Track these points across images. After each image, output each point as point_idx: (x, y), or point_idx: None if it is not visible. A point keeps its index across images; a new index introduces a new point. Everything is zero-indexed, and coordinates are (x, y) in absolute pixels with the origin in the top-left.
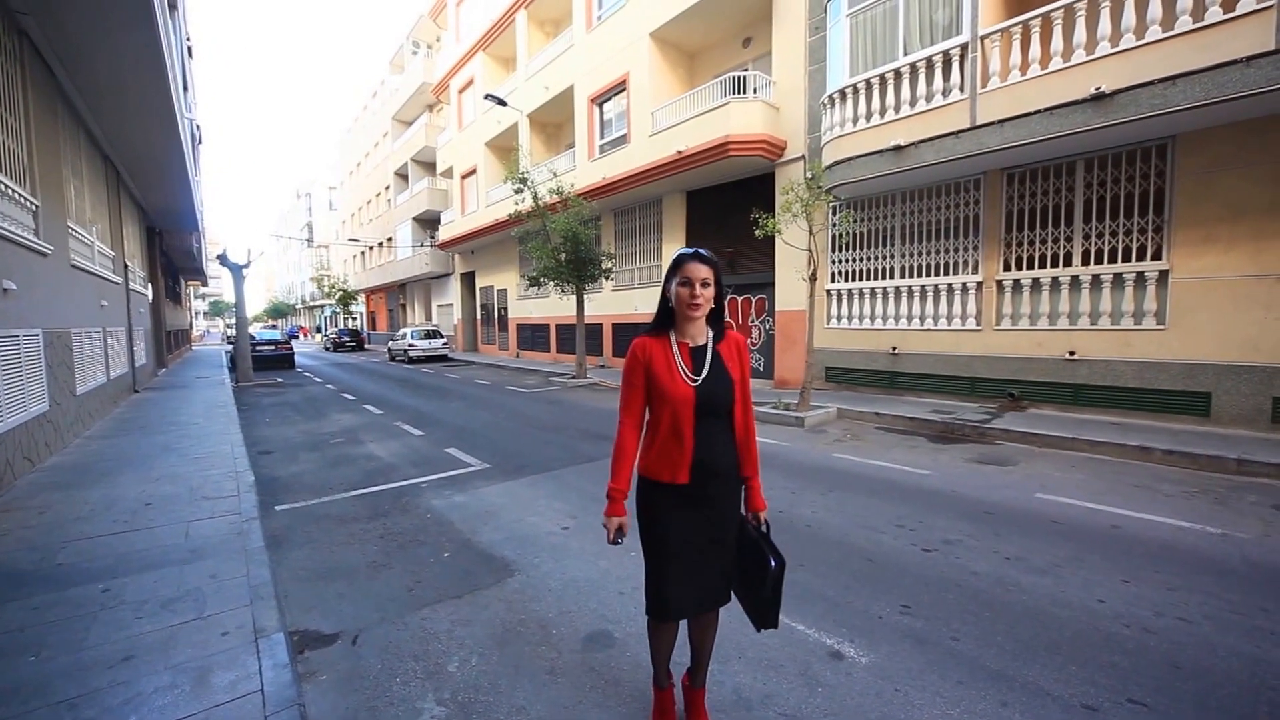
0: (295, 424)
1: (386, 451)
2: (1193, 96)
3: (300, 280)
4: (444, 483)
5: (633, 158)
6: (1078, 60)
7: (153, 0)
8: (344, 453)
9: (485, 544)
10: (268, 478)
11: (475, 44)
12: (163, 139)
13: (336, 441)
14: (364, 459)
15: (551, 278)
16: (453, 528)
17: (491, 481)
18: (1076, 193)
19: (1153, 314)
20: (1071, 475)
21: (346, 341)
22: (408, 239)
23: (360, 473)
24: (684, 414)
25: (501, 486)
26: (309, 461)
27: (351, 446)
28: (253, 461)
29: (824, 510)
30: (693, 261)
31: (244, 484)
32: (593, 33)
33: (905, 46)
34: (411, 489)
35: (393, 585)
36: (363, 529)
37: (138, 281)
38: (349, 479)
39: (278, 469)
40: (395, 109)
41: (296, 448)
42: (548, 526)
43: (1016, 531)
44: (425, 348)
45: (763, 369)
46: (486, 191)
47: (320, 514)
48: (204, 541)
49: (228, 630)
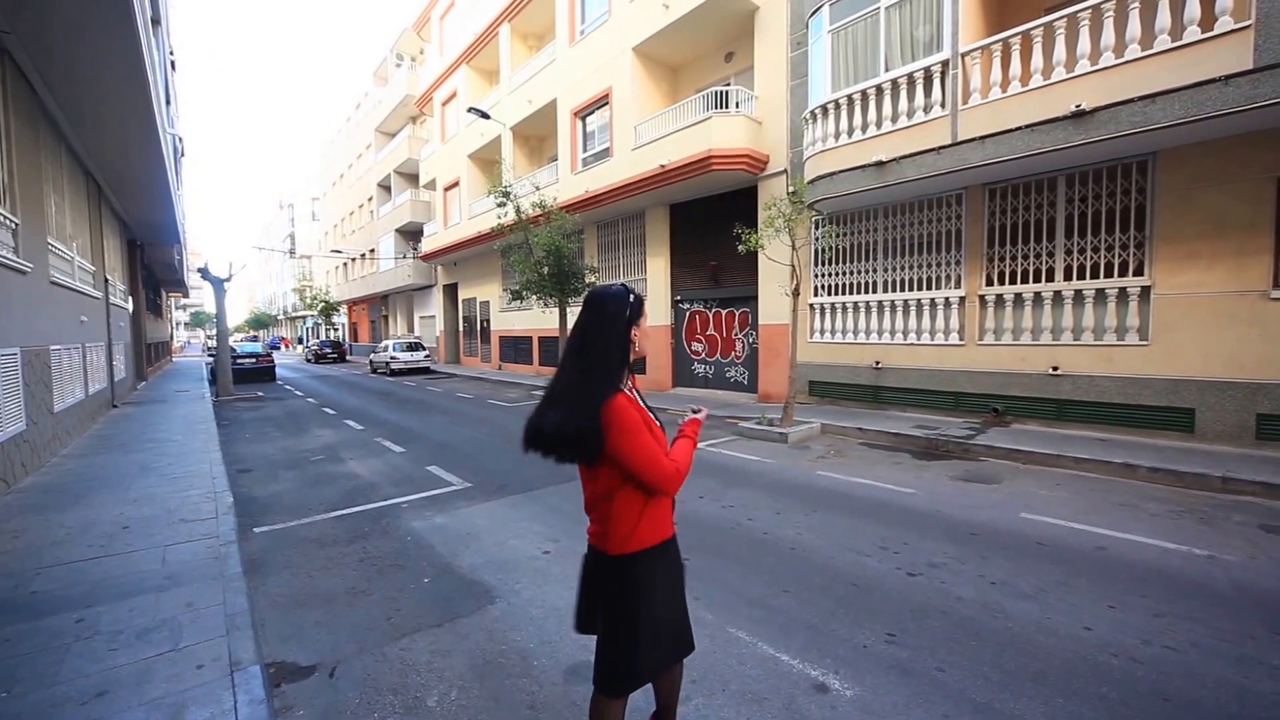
0: (275, 440)
1: (367, 470)
2: (1172, 114)
3: (282, 291)
4: (425, 503)
5: (615, 171)
6: (1058, 77)
7: (135, 19)
8: (324, 471)
9: (466, 569)
10: (247, 498)
11: (458, 57)
12: (144, 154)
13: (317, 459)
14: (344, 478)
15: (534, 291)
16: (433, 551)
17: (473, 502)
18: (1058, 208)
19: (1135, 329)
20: (1056, 494)
21: (328, 353)
22: (390, 250)
23: (340, 492)
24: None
25: (483, 507)
26: (289, 480)
27: (332, 464)
28: (232, 481)
29: (808, 531)
30: (643, 305)
31: (223, 505)
32: (575, 46)
33: (887, 62)
34: (392, 510)
35: (372, 613)
36: (342, 553)
37: (118, 295)
38: (329, 499)
39: (257, 489)
40: (378, 121)
41: (276, 466)
42: (529, 550)
43: (1002, 554)
44: (407, 360)
45: (747, 382)
46: (469, 204)
47: (299, 537)
48: (181, 567)
49: (203, 663)
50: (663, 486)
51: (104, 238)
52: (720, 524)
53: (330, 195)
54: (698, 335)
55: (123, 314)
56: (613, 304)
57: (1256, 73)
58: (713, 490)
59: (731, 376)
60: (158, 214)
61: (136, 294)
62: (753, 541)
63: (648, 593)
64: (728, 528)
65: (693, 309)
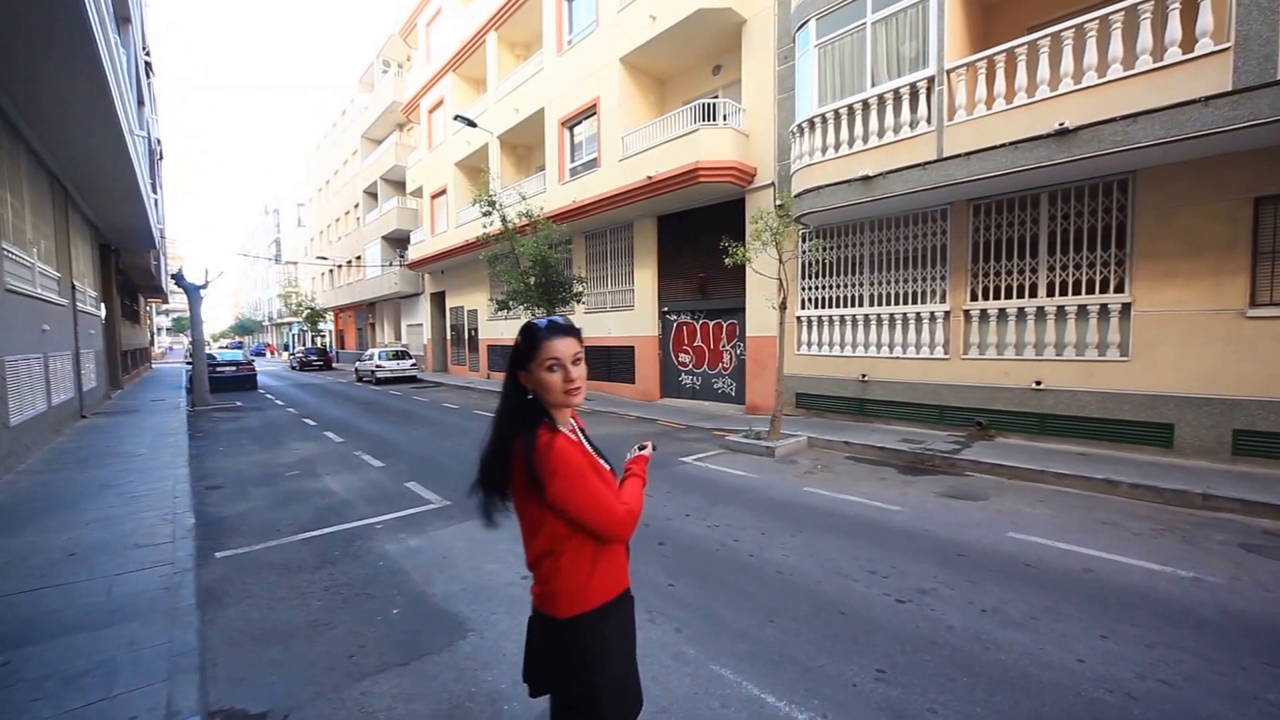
0: (250, 454)
1: (343, 486)
2: (1153, 134)
3: (268, 297)
4: (400, 523)
5: (603, 182)
6: (1042, 95)
7: (89, 17)
8: (298, 488)
9: (439, 597)
10: (212, 518)
11: (445, 64)
12: (112, 156)
13: (291, 475)
14: (318, 495)
15: (520, 301)
16: (405, 578)
17: (451, 521)
18: (1041, 225)
19: (1116, 345)
20: (1041, 511)
21: (313, 361)
22: (377, 258)
23: (312, 511)
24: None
25: (461, 528)
26: (259, 498)
27: (306, 480)
28: (198, 499)
29: (794, 554)
30: (554, 339)
31: (182, 528)
32: (563, 56)
33: (873, 78)
34: (365, 531)
35: (333, 650)
36: (308, 580)
37: (88, 302)
38: (299, 519)
39: (224, 507)
40: (365, 127)
41: (248, 481)
42: (507, 575)
43: (991, 577)
44: (393, 369)
45: (734, 394)
46: (457, 212)
47: (263, 562)
48: (128, 600)
49: (136, 715)
50: (615, 533)
51: (71, 243)
52: (706, 545)
53: (316, 201)
54: (685, 346)
55: (93, 321)
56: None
57: (1235, 94)
58: (698, 508)
59: (719, 388)
60: (130, 218)
61: (110, 300)
62: (739, 565)
63: (604, 657)
64: (713, 549)
65: (680, 320)
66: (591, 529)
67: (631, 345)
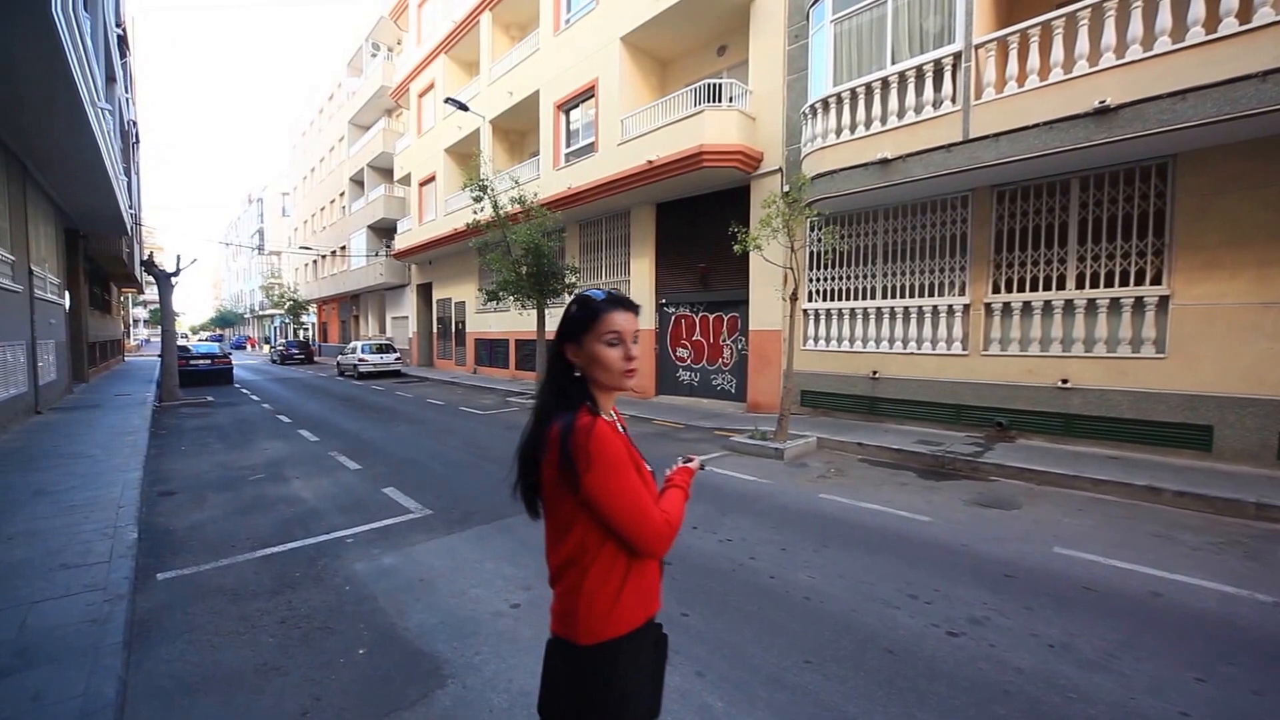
0: (214, 454)
1: (313, 492)
2: (1203, 112)
3: (250, 288)
4: (374, 537)
5: (600, 167)
6: (1080, 72)
7: None
8: (262, 493)
9: (414, 632)
10: (161, 530)
11: (437, 46)
12: (70, 128)
13: (256, 478)
14: (284, 503)
15: (511, 291)
16: (375, 606)
17: (431, 535)
18: (1071, 212)
19: (1151, 341)
20: (1082, 522)
21: (295, 354)
22: (362, 248)
23: (275, 522)
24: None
25: (442, 542)
26: (217, 505)
27: (273, 485)
28: (148, 507)
29: (821, 574)
30: (615, 310)
31: (122, 544)
32: (560, 35)
33: (893, 55)
34: (333, 546)
35: (284, 705)
36: (261, 610)
37: (49, 289)
38: (260, 532)
39: (176, 517)
40: (352, 113)
41: (207, 486)
42: (495, 604)
43: (1048, 603)
44: (376, 362)
45: (735, 391)
46: (445, 200)
47: (212, 585)
48: (43, 636)
49: None
50: (651, 544)
51: (29, 224)
52: (720, 565)
53: (301, 190)
54: (683, 340)
55: (54, 310)
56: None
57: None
58: (707, 519)
59: (718, 384)
60: (97, 200)
61: (77, 288)
62: (760, 589)
63: (634, 691)
64: (728, 569)
65: (678, 313)
66: (625, 534)
67: None
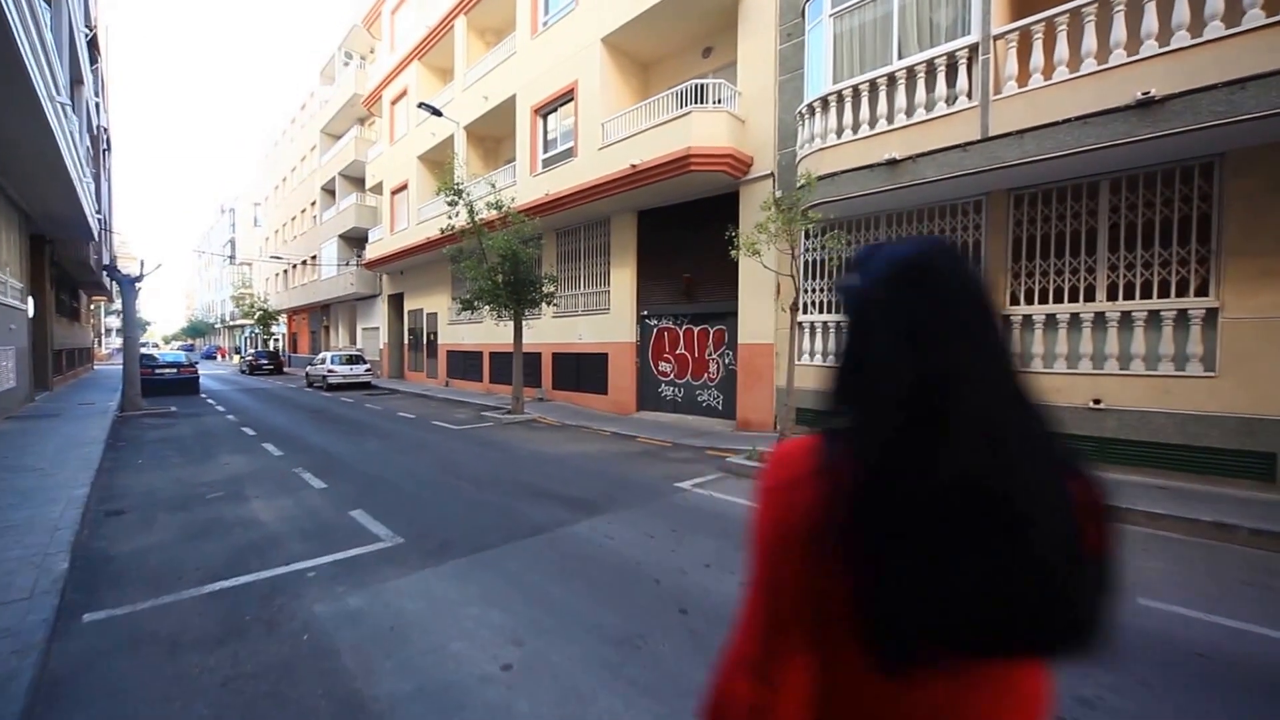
0: (172, 469)
1: (273, 514)
2: (1267, 103)
3: (221, 298)
4: (339, 570)
5: (580, 172)
6: (1117, 61)
7: None
8: (217, 515)
9: (383, 704)
10: (99, 557)
11: (410, 53)
12: (29, 130)
13: (214, 497)
14: (241, 526)
15: (487, 301)
16: (337, 664)
17: (404, 569)
18: (1100, 217)
19: (1198, 358)
20: (1156, 566)
21: (264, 364)
22: (333, 257)
23: (229, 550)
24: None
25: (417, 579)
26: (168, 528)
27: (231, 504)
28: (92, 529)
29: None
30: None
31: (49, 576)
32: (538, 38)
33: (900, 49)
34: (292, 582)
35: None
36: (201, 666)
37: (10, 294)
38: (210, 562)
39: (120, 541)
40: (324, 122)
41: (160, 505)
42: (481, 663)
43: (1168, 678)
44: (346, 374)
45: (721, 407)
46: (418, 208)
47: (148, 631)
48: None
49: None
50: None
51: None
52: None
53: (273, 199)
54: (666, 354)
55: (15, 315)
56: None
57: None
58: (718, 554)
59: (704, 400)
60: (61, 204)
61: (42, 294)
62: None
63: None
64: None
65: (661, 325)
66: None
67: (605, 352)
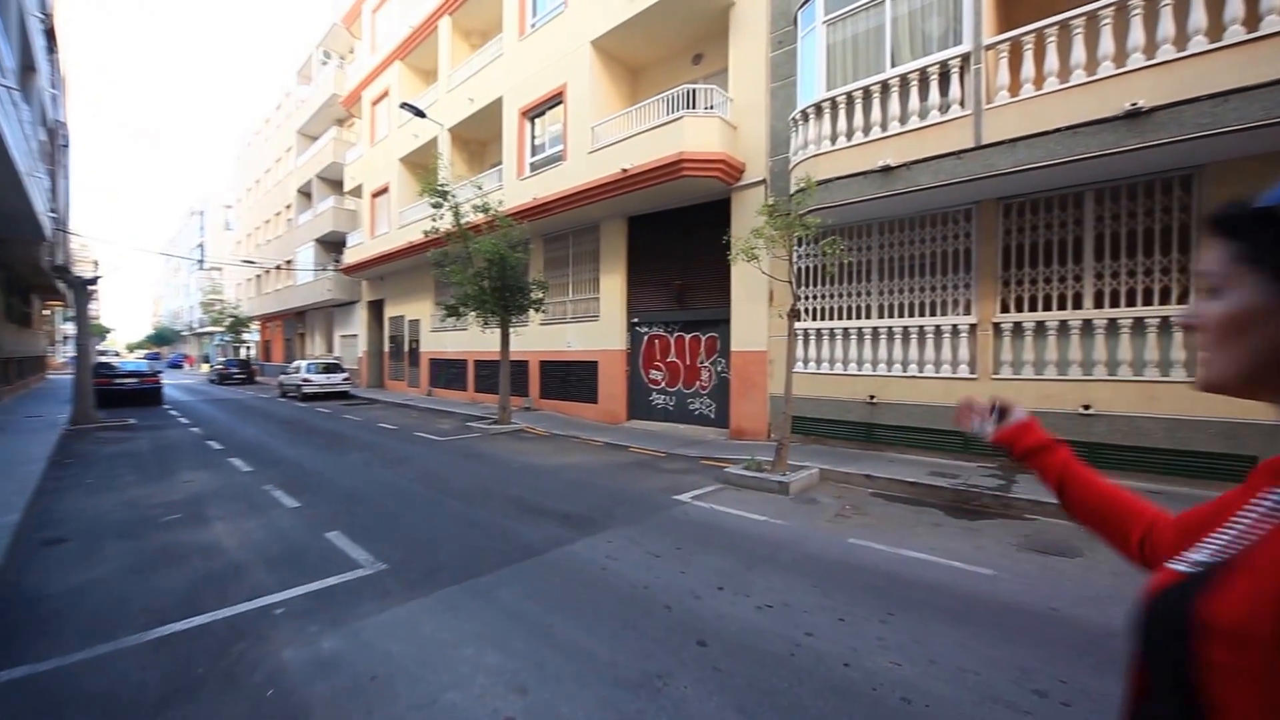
0: (125, 488)
1: (238, 538)
2: (1249, 115)
3: (189, 305)
4: (312, 605)
5: (569, 176)
6: (1105, 73)
7: None
8: (173, 541)
9: None
10: (29, 596)
11: (392, 53)
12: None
13: (170, 519)
14: (199, 553)
15: (473, 307)
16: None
17: (387, 602)
18: (1086, 226)
19: (1183, 364)
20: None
21: (234, 373)
22: (309, 262)
23: (183, 584)
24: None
25: (402, 614)
26: (114, 558)
27: (189, 528)
28: (22, 560)
29: (906, 658)
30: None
31: None
32: (526, 40)
33: (893, 57)
34: (256, 621)
35: None
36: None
37: None
38: (161, 598)
39: (56, 576)
40: (301, 122)
41: (108, 531)
42: (481, 718)
43: None
44: (322, 383)
45: (714, 416)
46: (399, 212)
47: (76, 693)
48: None
49: None
50: None
51: None
52: (772, 646)
53: (245, 202)
54: (657, 362)
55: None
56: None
57: None
58: (730, 574)
59: (696, 409)
60: (8, 199)
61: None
62: (838, 687)
63: None
64: (785, 653)
65: (652, 333)
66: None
67: (594, 360)
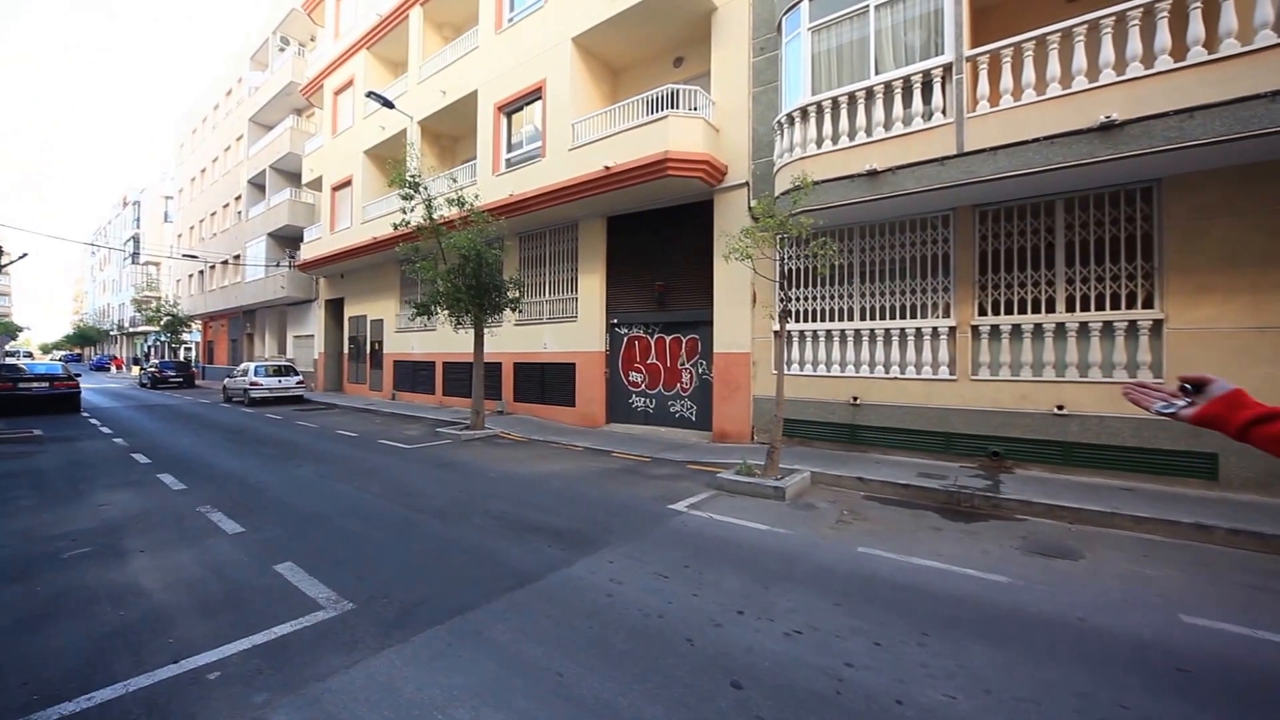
0: (19, 514)
1: (163, 576)
2: (1213, 130)
3: (120, 302)
4: (260, 662)
5: (548, 173)
6: (1080, 87)
7: None
8: (75, 583)
9: None
10: None
11: (358, 41)
12: None
13: (75, 554)
14: (110, 599)
15: (446, 305)
16: None
17: (356, 653)
18: (1057, 234)
19: (1148, 366)
20: (1167, 575)
21: (170, 376)
22: (261, 258)
23: (85, 643)
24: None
25: (377, 666)
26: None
27: (99, 565)
28: None
29: (960, 689)
30: None
31: None
32: (503, 34)
33: (877, 64)
34: (183, 691)
35: None
36: None
37: None
38: (50, 667)
39: None
40: (255, 110)
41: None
42: None
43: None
44: (273, 387)
45: (695, 419)
46: (363, 206)
47: None
48: None
49: None
50: None
51: None
52: (813, 684)
53: (189, 193)
54: (637, 364)
55: None
56: None
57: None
58: (751, 596)
59: (677, 412)
60: None
61: None
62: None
63: None
64: (828, 693)
65: (631, 334)
66: None
67: (572, 362)
